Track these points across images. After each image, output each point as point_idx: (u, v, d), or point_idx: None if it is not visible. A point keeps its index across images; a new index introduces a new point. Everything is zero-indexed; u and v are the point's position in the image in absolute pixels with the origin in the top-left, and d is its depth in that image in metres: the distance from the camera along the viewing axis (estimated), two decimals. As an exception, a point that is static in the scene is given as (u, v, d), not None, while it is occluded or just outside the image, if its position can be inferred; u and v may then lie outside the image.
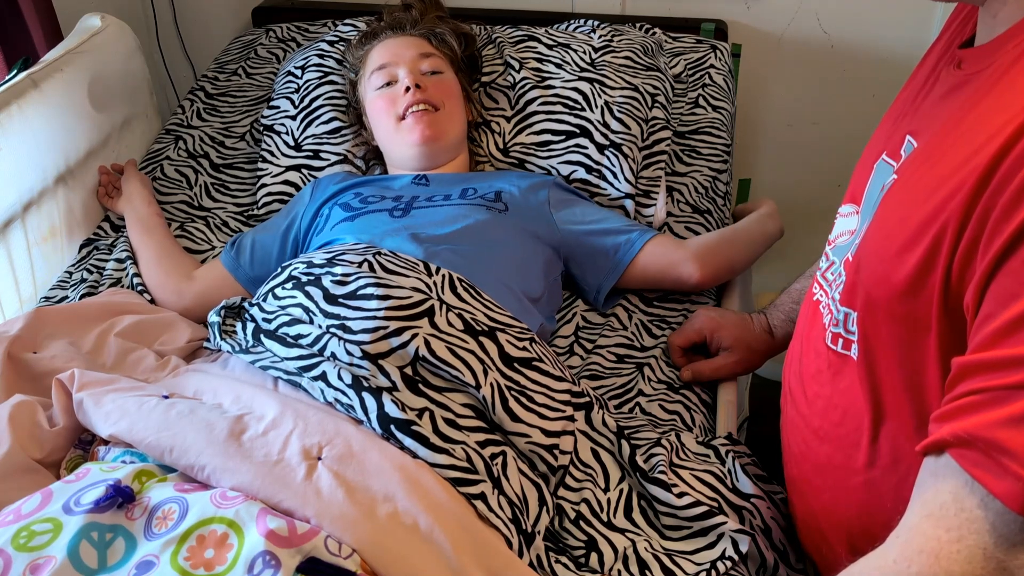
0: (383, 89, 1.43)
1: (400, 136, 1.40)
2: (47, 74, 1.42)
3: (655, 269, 1.33)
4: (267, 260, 1.36)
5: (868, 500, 0.84)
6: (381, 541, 0.82)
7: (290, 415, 0.92)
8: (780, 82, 2.01)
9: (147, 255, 1.39)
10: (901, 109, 0.90)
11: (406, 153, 1.42)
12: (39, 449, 0.97)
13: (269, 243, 1.38)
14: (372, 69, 1.46)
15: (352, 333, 1.00)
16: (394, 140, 1.42)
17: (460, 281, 1.10)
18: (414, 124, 1.39)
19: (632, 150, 1.49)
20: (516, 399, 0.99)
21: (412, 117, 1.39)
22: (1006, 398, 0.61)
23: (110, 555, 0.79)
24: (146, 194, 1.48)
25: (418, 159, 1.41)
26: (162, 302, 1.34)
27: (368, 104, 1.46)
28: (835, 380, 0.86)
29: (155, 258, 1.38)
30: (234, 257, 1.37)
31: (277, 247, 1.38)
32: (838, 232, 0.94)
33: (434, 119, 1.40)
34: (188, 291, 1.34)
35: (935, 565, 0.63)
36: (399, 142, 1.41)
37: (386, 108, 1.41)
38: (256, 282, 1.34)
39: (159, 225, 1.44)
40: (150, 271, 1.37)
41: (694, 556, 0.94)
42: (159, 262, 1.38)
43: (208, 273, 1.37)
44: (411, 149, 1.40)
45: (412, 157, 1.41)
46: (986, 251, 0.64)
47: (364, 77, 1.48)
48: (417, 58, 1.45)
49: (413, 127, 1.39)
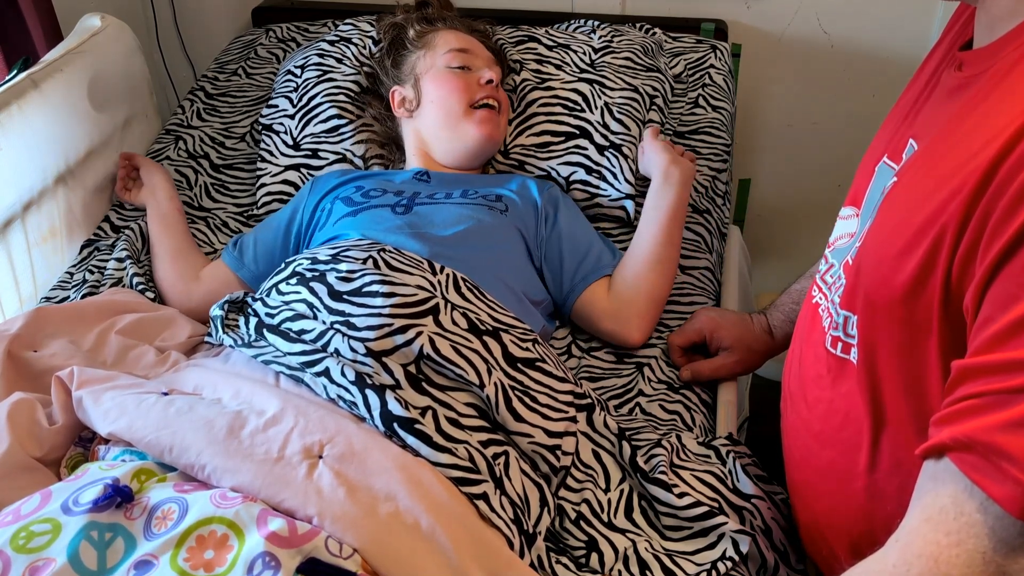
0: (461, 71, 1.42)
1: (466, 123, 1.39)
2: (47, 74, 1.42)
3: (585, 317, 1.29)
4: (271, 256, 1.37)
5: (870, 504, 0.84)
6: (382, 541, 0.82)
7: (291, 412, 0.91)
8: (780, 82, 2.01)
9: (162, 252, 1.41)
10: (903, 111, 0.90)
11: (458, 145, 1.41)
12: (38, 447, 0.96)
13: (271, 240, 1.39)
14: (451, 48, 1.45)
15: (356, 330, 1.00)
16: (454, 126, 1.41)
17: (464, 281, 1.10)
18: (483, 120, 1.39)
19: (632, 151, 1.49)
20: (520, 399, 0.99)
21: (484, 112, 1.39)
22: (1006, 402, 0.61)
23: (110, 555, 0.78)
24: (168, 188, 1.49)
25: (466, 155, 1.42)
26: (170, 301, 1.36)
27: (435, 78, 1.43)
28: (835, 384, 0.86)
29: (170, 256, 1.40)
30: (237, 256, 1.37)
31: (280, 243, 1.38)
32: (838, 235, 0.94)
33: (498, 122, 1.41)
34: (196, 292, 1.35)
35: (934, 569, 0.63)
36: (459, 129, 1.40)
37: (462, 88, 1.40)
38: (261, 279, 1.34)
39: (179, 222, 1.45)
40: (163, 269, 1.39)
41: (695, 556, 0.94)
42: (173, 260, 1.39)
43: (213, 274, 1.37)
44: (470, 143, 1.40)
45: (462, 151, 1.41)
46: (986, 254, 0.64)
47: (434, 52, 1.46)
48: (492, 60, 1.47)
49: (483, 122, 1.39)
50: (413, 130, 1.47)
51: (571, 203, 1.44)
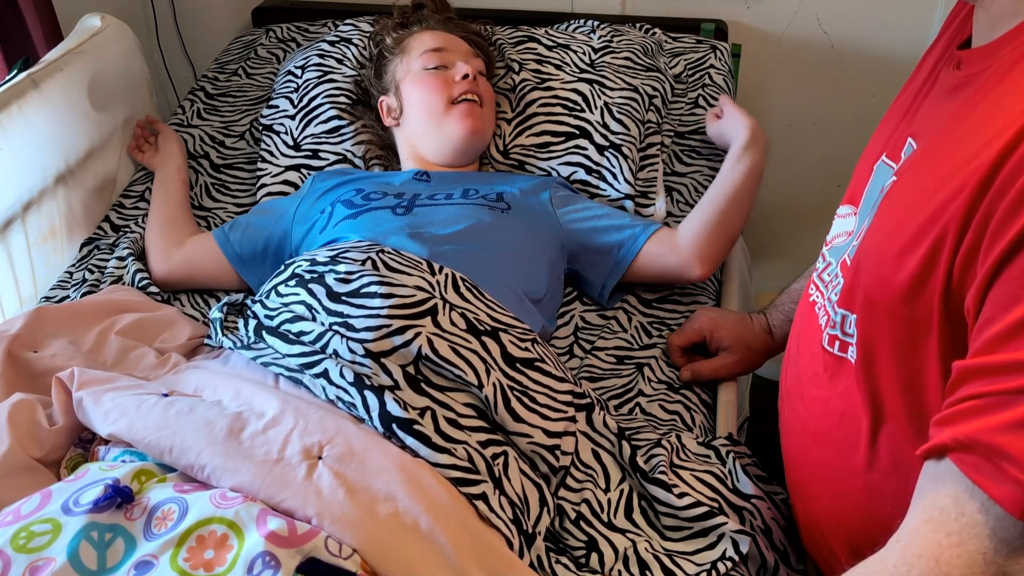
0: (437, 70, 1.43)
1: (448, 121, 1.40)
2: (47, 74, 1.42)
3: (655, 269, 1.33)
4: (255, 241, 1.39)
5: (868, 503, 0.84)
6: (382, 541, 0.82)
7: (290, 413, 0.92)
8: (780, 82, 2.01)
9: (157, 218, 1.45)
10: (901, 110, 0.89)
11: (445, 143, 1.41)
12: (39, 448, 0.96)
13: (262, 225, 1.40)
14: (425, 49, 1.45)
15: (355, 331, 1.00)
16: (438, 125, 1.41)
17: (463, 281, 1.10)
18: (464, 115, 1.39)
19: (631, 151, 1.49)
20: (518, 399, 0.99)
21: (464, 106, 1.39)
22: (1007, 403, 0.61)
23: (110, 556, 0.78)
24: (180, 160, 1.56)
25: (454, 152, 1.42)
26: (151, 262, 1.39)
27: (412, 82, 1.44)
28: (832, 383, 0.86)
29: (162, 221, 1.44)
30: (225, 232, 1.40)
31: (268, 230, 1.39)
32: (835, 233, 0.94)
33: (482, 115, 1.41)
34: (175, 255, 1.39)
35: (935, 570, 0.63)
36: (444, 127, 1.40)
37: (439, 87, 1.40)
38: (241, 260, 1.38)
39: (180, 192, 1.51)
40: (152, 233, 1.43)
41: (694, 556, 0.94)
42: (163, 226, 1.43)
43: (198, 242, 1.41)
44: (454, 140, 1.40)
45: (449, 148, 1.42)
46: (987, 255, 0.64)
47: (409, 56, 1.47)
48: (470, 54, 1.47)
49: (463, 118, 1.39)
50: (403, 137, 1.48)
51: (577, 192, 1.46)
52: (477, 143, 1.43)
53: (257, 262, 1.38)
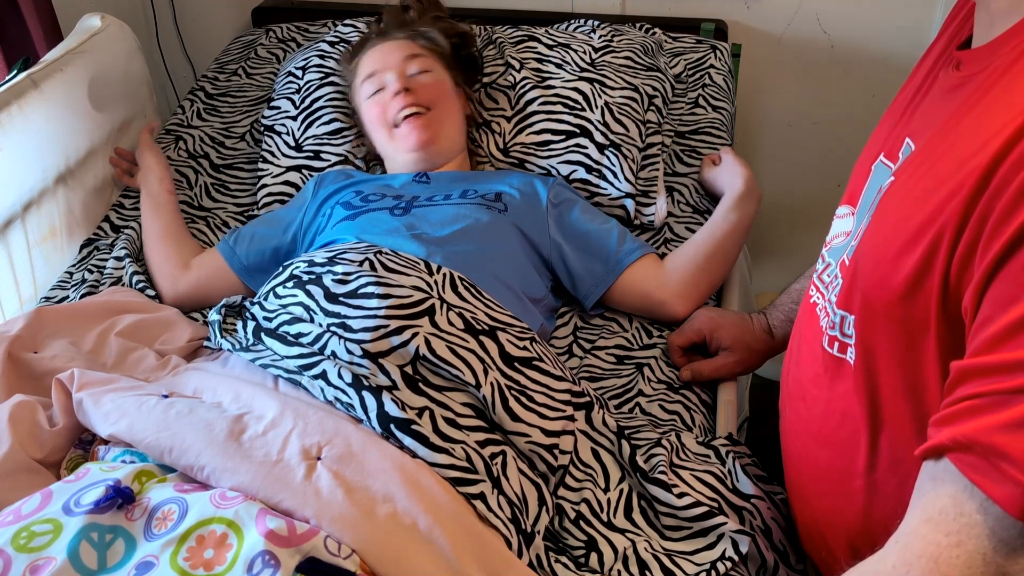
0: (374, 96, 1.43)
1: (396, 144, 1.41)
2: (47, 74, 1.42)
3: (638, 292, 1.31)
4: (262, 251, 1.37)
5: (868, 504, 0.83)
6: (380, 541, 0.82)
7: (290, 414, 0.92)
8: (780, 82, 2.01)
9: (151, 234, 1.42)
10: (899, 110, 0.89)
11: (405, 159, 1.42)
12: (39, 449, 0.97)
13: (268, 236, 1.39)
14: (362, 78, 1.46)
15: (352, 332, 1.00)
16: (391, 148, 1.42)
17: (461, 280, 1.10)
18: (409, 131, 1.38)
19: (632, 150, 1.49)
20: (516, 399, 0.99)
21: (406, 125, 1.39)
22: (1005, 402, 0.61)
23: (110, 556, 0.79)
24: (159, 171, 1.49)
25: (417, 163, 1.41)
26: (158, 285, 1.36)
27: (363, 114, 1.47)
28: (833, 384, 0.86)
29: (157, 238, 1.40)
30: (231, 246, 1.37)
31: (275, 240, 1.38)
32: (834, 234, 0.94)
33: (427, 121, 1.39)
34: (182, 281, 1.36)
35: (934, 570, 0.63)
36: (396, 149, 1.42)
37: (379, 116, 1.41)
38: (250, 272, 1.35)
39: (168, 203, 1.46)
40: (152, 251, 1.40)
41: (694, 556, 0.94)
42: (160, 243, 1.40)
43: (204, 262, 1.38)
44: (408, 155, 1.40)
45: (411, 162, 1.42)
46: (984, 254, 0.64)
47: (356, 88, 1.48)
48: (403, 61, 1.44)
49: (408, 135, 1.38)
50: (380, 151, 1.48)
51: (578, 194, 1.44)
52: (431, 149, 1.40)
53: (264, 271, 1.36)
